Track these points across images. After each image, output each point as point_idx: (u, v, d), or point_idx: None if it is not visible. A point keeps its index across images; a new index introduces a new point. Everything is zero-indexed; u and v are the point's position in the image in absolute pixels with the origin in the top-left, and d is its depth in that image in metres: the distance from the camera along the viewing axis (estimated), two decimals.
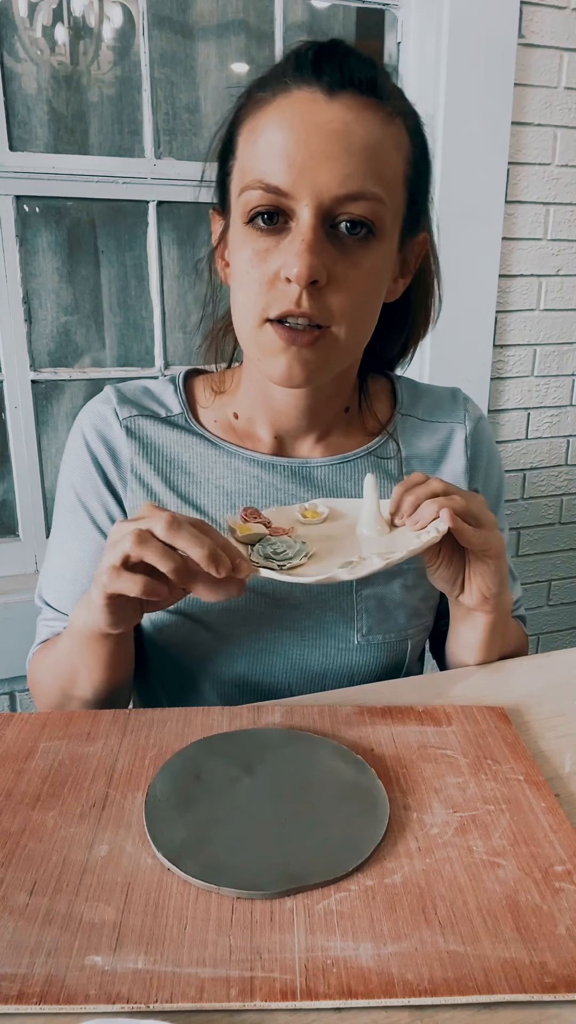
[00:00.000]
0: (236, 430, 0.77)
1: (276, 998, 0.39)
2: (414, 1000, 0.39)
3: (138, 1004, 0.39)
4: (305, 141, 0.58)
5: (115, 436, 0.75)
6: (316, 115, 0.58)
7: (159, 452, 0.75)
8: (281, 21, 1.47)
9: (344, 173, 0.58)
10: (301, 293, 0.60)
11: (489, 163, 1.53)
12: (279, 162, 0.59)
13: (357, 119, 0.59)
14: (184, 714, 0.63)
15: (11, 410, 1.48)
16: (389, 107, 0.61)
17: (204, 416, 0.78)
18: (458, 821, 0.52)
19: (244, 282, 0.64)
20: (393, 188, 0.62)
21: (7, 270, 1.41)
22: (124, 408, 0.76)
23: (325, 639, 0.75)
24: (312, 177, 0.58)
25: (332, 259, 0.61)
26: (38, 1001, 0.39)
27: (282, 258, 0.61)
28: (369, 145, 0.59)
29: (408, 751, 0.59)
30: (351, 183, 0.59)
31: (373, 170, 0.59)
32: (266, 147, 0.60)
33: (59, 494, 0.79)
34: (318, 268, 0.59)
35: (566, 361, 1.76)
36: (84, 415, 0.77)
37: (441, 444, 0.81)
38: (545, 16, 1.51)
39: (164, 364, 1.57)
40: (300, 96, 0.59)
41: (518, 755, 0.58)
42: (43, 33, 1.36)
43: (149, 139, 1.44)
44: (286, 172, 0.59)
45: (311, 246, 0.59)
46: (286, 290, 0.61)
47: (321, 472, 0.76)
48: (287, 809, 0.52)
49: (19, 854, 0.48)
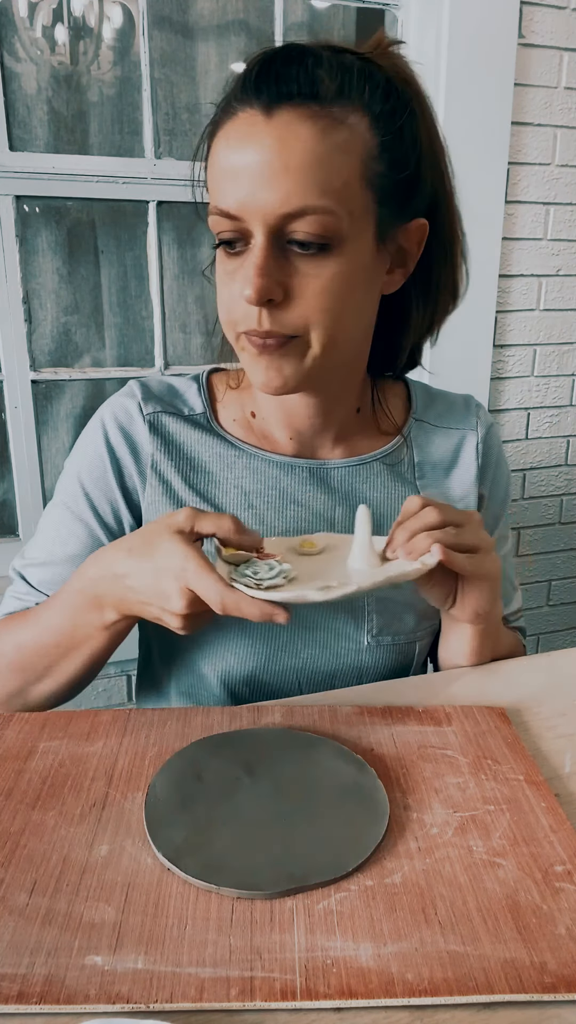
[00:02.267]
0: (254, 429, 0.78)
1: (276, 998, 0.39)
2: (414, 1000, 0.39)
3: (138, 1004, 0.39)
4: (246, 165, 0.59)
5: (138, 431, 0.75)
6: (254, 136, 0.59)
7: (180, 450, 0.75)
8: (281, 21, 1.47)
9: (284, 192, 0.58)
10: (260, 312, 0.62)
11: (489, 163, 1.53)
12: (228, 188, 0.60)
13: (294, 134, 0.58)
14: (184, 714, 0.63)
15: (11, 410, 1.48)
16: (335, 109, 0.59)
17: (224, 414, 0.78)
18: (458, 821, 0.52)
19: (220, 298, 0.66)
20: (345, 193, 0.60)
21: (7, 270, 1.41)
22: (149, 404, 0.76)
23: (336, 640, 0.76)
24: (256, 200, 0.59)
25: (287, 274, 0.61)
26: (38, 1001, 0.39)
27: (243, 278, 0.62)
28: (307, 160, 0.58)
29: (408, 751, 0.59)
30: (293, 201, 0.59)
31: (314, 183, 0.59)
32: (218, 173, 0.61)
33: (64, 479, 0.78)
34: (268, 288, 0.60)
35: (566, 361, 1.76)
36: (107, 408, 0.77)
37: (453, 450, 0.82)
38: (545, 16, 1.51)
39: (164, 364, 1.57)
40: (243, 117, 0.60)
41: (518, 755, 0.58)
42: (43, 33, 1.36)
43: (149, 139, 1.44)
44: (233, 197, 0.60)
45: (260, 269, 0.60)
46: (248, 309, 0.63)
47: (338, 474, 0.77)
48: (287, 809, 0.52)
49: (19, 854, 0.48)
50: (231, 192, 0.60)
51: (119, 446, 0.75)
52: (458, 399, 0.86)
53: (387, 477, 0.78)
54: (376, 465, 0.78)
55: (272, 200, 0.59)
